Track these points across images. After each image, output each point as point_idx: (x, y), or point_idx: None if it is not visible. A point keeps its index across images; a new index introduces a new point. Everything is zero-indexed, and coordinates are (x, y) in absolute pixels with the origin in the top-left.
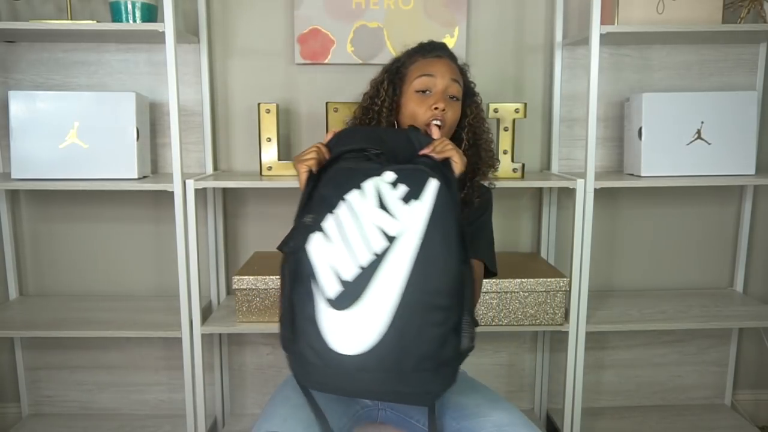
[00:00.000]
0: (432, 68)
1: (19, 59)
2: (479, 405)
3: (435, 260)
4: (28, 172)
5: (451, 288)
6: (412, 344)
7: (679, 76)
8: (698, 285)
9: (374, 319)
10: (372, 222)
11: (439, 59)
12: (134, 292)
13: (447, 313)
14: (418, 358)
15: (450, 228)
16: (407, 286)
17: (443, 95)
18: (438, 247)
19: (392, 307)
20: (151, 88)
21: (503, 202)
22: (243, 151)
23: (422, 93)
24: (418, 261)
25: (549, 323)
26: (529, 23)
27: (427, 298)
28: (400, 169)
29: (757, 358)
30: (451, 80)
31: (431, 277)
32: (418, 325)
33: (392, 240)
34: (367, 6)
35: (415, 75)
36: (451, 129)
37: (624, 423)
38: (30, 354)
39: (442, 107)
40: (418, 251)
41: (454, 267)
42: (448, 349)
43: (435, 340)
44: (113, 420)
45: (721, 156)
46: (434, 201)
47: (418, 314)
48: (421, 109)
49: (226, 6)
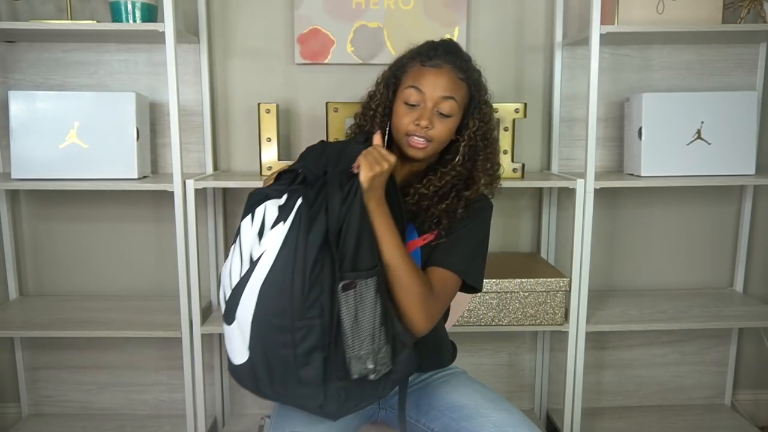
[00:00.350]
0: (424, 81)
1: (19, 59)
2: (479, 405)
3: (279, 281)
4: (28, 172)
5: (296, 309)
6: (271, 360)
7: (679, 76)
8: (698, 285)
9: (243, 335)
10: (246, 246)
11: (437, 70)
12: (134, 292)
13: (296, 334)
14: (282, 374)
15: (303, 248)
16: (256, 306)
17: (430, 112)
18: (282, 268)
19: (250, 325)
20: (151, 88)
21: (503, 202)
22: (243, 151)
23: (411, 106)
24: (266, 282)
25: (549, 323)
26: (529, 23)
27: (272, 319)
28: (291, 191)
29: (757, 358)
30: (443, 98)
31: (274, 297)
32: (269, 343)
33: (255, 263)
34: (367, 6)
35: (407, 83)
36: (441, 144)
37: (624, 423)
38: (30, 354)
39: (425, 125)
40: (267, 273)
41: (298, 287)
42: (314, 371)
43: (289, 359)
44: (113, 420)
45: (721, 156)
46: (291, 222)
47: (267, 334)
48: (406, 119)
49: (226, 6)
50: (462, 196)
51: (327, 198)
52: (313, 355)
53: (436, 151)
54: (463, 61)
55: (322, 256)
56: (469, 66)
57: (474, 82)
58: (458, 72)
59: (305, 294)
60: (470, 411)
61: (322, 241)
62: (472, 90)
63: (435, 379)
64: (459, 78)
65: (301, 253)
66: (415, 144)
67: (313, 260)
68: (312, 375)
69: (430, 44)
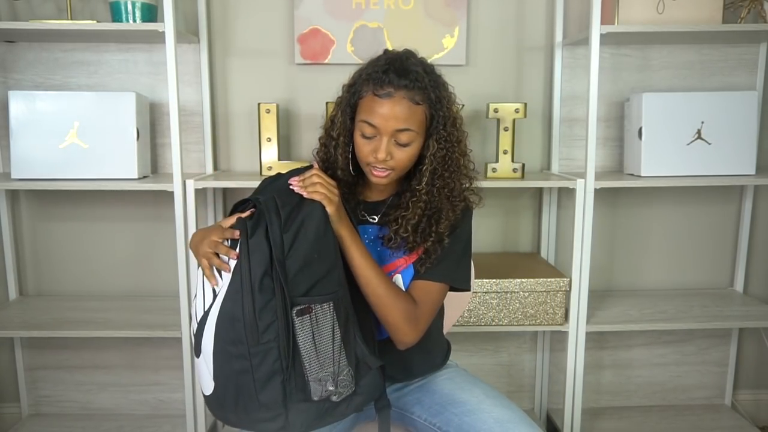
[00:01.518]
0: (377, 114)
1: (18, 59)
2: (481, 401)
3: (230, 310)
4: (28, 172)
5: (250, 335)
6: (233, 388)
7: (679, 76)
8: (698, 285)
9: (208, 365)
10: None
11: (389, 100)
12: (134, 292)
13: (253, 360)
14: (244, 400)
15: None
16: (215, 337)
17: (387, 144)
18: (231, 298)
19: (212, 356)
20: (151, 88)
21: (503, 202)
22: (243, 151)
23: (367, 138)
24: (220, 313)
25: (549, 323)
26: (529, 23)
27: (229, 348)
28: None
29: (757, 358)
30: (397, 130)
31: (228, 327)
32: (229, 372)
33: (216, 296)
34: (367, 6)
35: (362, 116)
36: (403, 169)
37: (624, 423)
38: (30, 354)
39: (382, 157)
40: (221, 304)
41: (249, 314)
42: (273, 394)
43: (249, 385)
44: (113, 420)
45: (721, 156)
46: (239, 251)
47: (226, 362)
48: (365, 150)
49: (226, 6)
50: (438, 231)
51: (266, 225)
52: (273, 378)
53: (399, 176)
54: (416, 82)
55: (269, 282)
56: (424, 85)
57: (432, 101)
58: (414, 96)
59: (256, 320)
60: (472, 406)
61: (266, 267)
62: (431, 110)
63: (436, 376)
64: (415, 103)
65: (247, 281)
66: (377, 174)
67: (260, 287)
68: (272, 398)
69: (381, 66)
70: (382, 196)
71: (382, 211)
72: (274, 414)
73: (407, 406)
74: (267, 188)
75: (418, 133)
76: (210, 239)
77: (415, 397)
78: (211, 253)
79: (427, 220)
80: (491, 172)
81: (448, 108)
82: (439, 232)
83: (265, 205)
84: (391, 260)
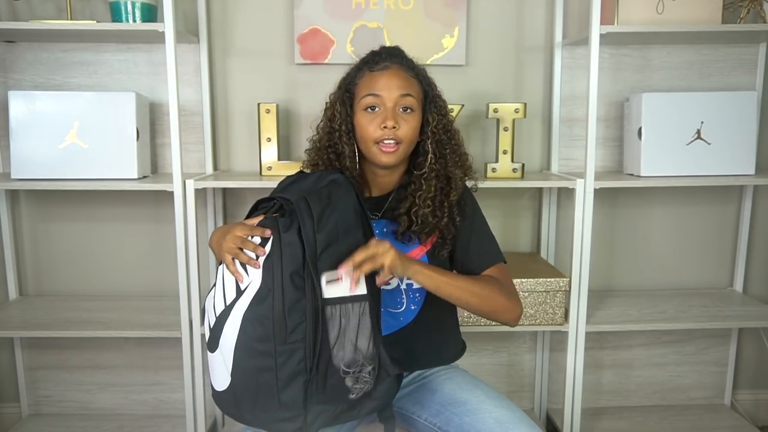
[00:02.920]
0: (378, 84)
1: (18, 59)
2: (481, 401)
3: (260, 308)
4: (28, 172)
5: (278, 334)
6: (253, 384)
7: (679, 76)
8: (698, 285)
9: (226, 361)
10: (229, 276)
11: (387, 71)
12: (134, 292)
13: (278, 358)
14: (264, 398)
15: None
16: (239, 333)
17: (393, 112)
18: (263, 295)
19: (233, 352)
20: (151, 88)
21: (503, 202)
22: (243, 151)
23: (371, 110)
24: (248, 309)
25: (549, 323)
26: (529, 23)
27: (255, 345)
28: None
29: (757, 358)
30: (401, 95)
31: (256, 324)
32: (251, 368)
33: (241, 292)
34: (367, 6)
35: (363, 93)
36: (410, 144)
37: (624, 423)
38: (30, 354)
39: (392, 125)
40: (251, 301)
41: (279, 313)
42: (295, 394)
43: (271, 383)
44: (113, 420)
45: (721, 156)
46: (269, 251)
47: (249, 359)
48: (371, 127)
49: (226, 6)
50: (450, 202)
51: (299, 225)
52: (296, 379)
53: (406, 153)
54: (408, 60)
55: (300, 282)
56: (415, 64)
57: (424, 78)
58: (407, 70)
59: (285, 319)
60: (472, 406)
61: (298, 267)
62: (424, 85)
63: (437, 376)
64: (410, 75)
65: (279, 280)
66: (386, 149)
67: (291, 286)
68: (293, 398)
69: (372, 52)
70: (384, 191)
71: (387, 205)
72: (293, 414)
73: (408, 406)
74: (289, 188)
75: (418, 104)
76: (234, 234)
77: (416, 397)
78: (235, 248)
79: (440, 193)
80: (491, 172)
81: (436, 87)
82: (452, 202)
83: (297, 206)
84: (406, 252)
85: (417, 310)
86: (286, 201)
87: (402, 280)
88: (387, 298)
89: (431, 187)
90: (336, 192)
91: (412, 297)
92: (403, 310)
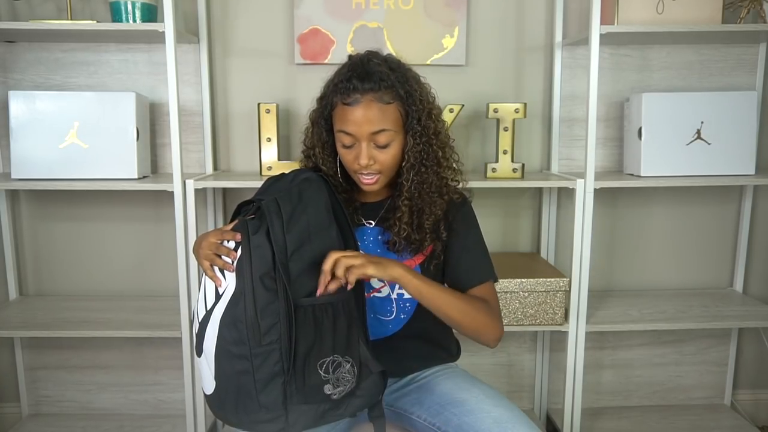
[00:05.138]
0: (349, 123)
1: (19, 59)
2: (480, 401)
3: (233, 311)
4: (28, 172)
5: (252, 337)
6: (234, 388)
7: (679, 76)
8: (698, 285)
9: (210, 365)
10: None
11: (359, 106)
12: (134, 292)
13: (254, 361)
14: (244, 401)
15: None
16: (218, 337)
17: (367, 149)
18: (235, 299)
19: (214, 356)
20: (151, 88)
21: (503, 201)
22: (243, 151)
23: (347, 147)
24: (225, 313)
25: (549, 323)
26: (529, 23)
27: (231, 348)
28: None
29: (757, 358)
30: (373, 134)
31: (230, 327)
32: (230, 372)
33: (219, 297)
34: (367, 6)
35: (338, 126)
36: (392, 169)
37: (624, 423)
38: (30, 354)
39: (365, 163)
40: (226, 305)
41: (251, 315)
42: (274, 395)
43: (249, 386)
44: (113, 420)
45: (721, 156)
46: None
47: (228, 363)
48: (349, 158)
49: (226, 6)
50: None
51: (268, 227)
52: (273, 380)
53: (389, 178)
54: (381, 82)
55: (271, 284)
56: (391, 83)
57: (403, 97)
58: (382, 97)
59: (258, 321)
60: (471, 406)
61: (268, 268)
62: (404, 106)
63: (436, 375)
64: (385, 103)
65: (249, 283)
66: (366, 181)
67: (262, 288)
68: (272, 399)
69: (344, 74)
70: (379, 197)
71: (381, 214)
72: (274, 415)
73: (406, 406)
74: (269, 189)
75: (397, 132)
76: (209, 241)
77: (415, 397)
78: (211, 254)
79: (416, 216)
80: (491, 172)
81: (421, 101)
82: (426, 228)
83: (266, 207)
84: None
85: (406, 320)
86: (261, 202)
87: (393, 288)
88: (377, 305)
89: (404, 213)
90: (307, 190)
91: (402, 306)
92: (393, 318)
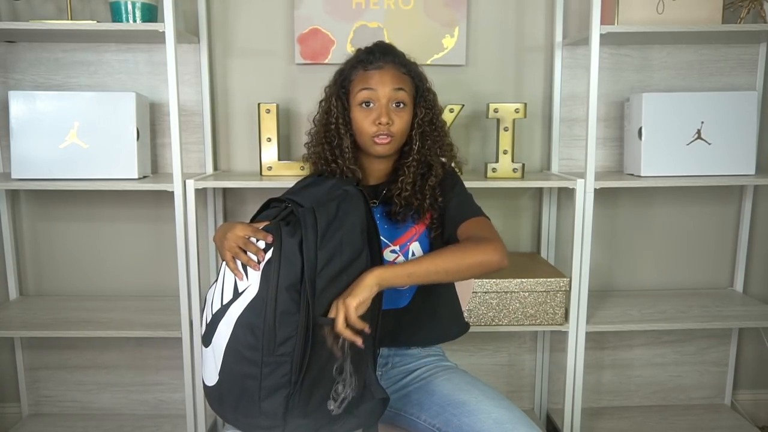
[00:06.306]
0: (372, 80)
1: (19, 59)
2: (480, 401)
3: (253, 317)
4: (28, 172)
5: (266, 346)
6: (237, 388)
7: (679, 76)
8: (698, 285)
9: (216, 359)
10: (230, 275)
11: (381, 70)
12: (134, 292)
13: (264, 369)
14: (246, 403)
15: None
16: (231, 336)
17: (387, 108)
18: (257, 305)
19: (223, 352)
20: (151, 88)
21: (503, 202)
22: (243, 151)
23: (366, 105)
24: (242, 315)
25: (549, 323)
26: (529, 23)
27: (243, 350)
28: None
29: (757, 358)
30: (394, 90)
31: (247, 331)
32: (237, 372)
33: (238, 294)
34: (367, 6)
35: (357, 88)
36: (403, 136)
37: (624, 423)
38: (30, 354)
39: (386, 121)
40: (245, 307)
41: (269, 325)
42: (276, 405)
43: (254, 391)
44: (113, 420)
45: (721, 156)
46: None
47: (237, 363)
48: (366, 123)
49: (226, 6)
50: (430, 186)
51: (301, 239)
52: (278, 391)
53: (399, 144)
54: (400, 57)
55: (295, 296)
56: (407, 61)
57: (415, 74)
58: (400, 68)
59: (275, 331)
60: (471, 407)
61: (294, 281)
62: (415, 81)
63: (436, 376)
64: (402, 73)
65: (273, 291)
66: (381, 141)
67: (285, 299)
68: (273, 408)
69: (366, 50)
70: (380, 179)
71: (383, 193)
72: (272, 424)
73: (406, 407)
74: (302, 192)
75: (410, 98)
76: (236, 234)
77: (415, 398)
78: (236, 247)
79: (420, 178)
80: (491, 172)
81: (427, 81)
82: (427, 191)
83: (303, 216)
84: (404, 232)
85: (410, 296)
86: (296, 205)
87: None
88: None
89: (411, 173)
90: (344, 205)
91: None
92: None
